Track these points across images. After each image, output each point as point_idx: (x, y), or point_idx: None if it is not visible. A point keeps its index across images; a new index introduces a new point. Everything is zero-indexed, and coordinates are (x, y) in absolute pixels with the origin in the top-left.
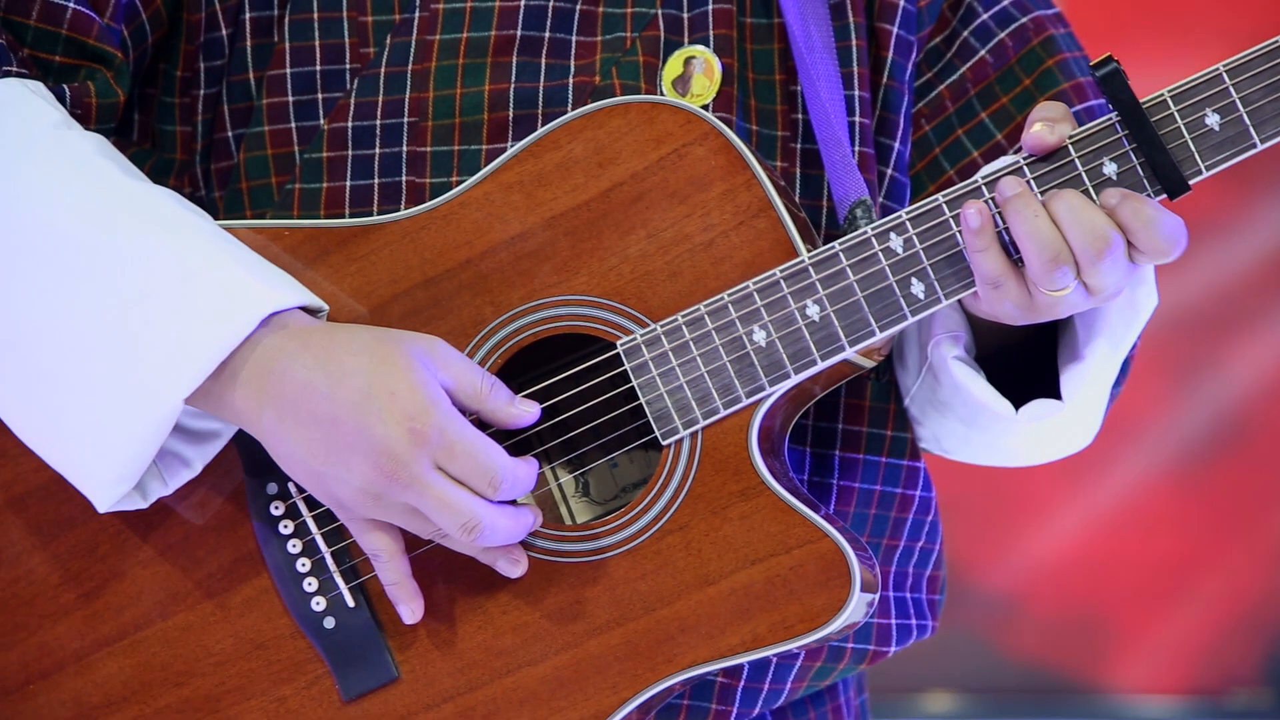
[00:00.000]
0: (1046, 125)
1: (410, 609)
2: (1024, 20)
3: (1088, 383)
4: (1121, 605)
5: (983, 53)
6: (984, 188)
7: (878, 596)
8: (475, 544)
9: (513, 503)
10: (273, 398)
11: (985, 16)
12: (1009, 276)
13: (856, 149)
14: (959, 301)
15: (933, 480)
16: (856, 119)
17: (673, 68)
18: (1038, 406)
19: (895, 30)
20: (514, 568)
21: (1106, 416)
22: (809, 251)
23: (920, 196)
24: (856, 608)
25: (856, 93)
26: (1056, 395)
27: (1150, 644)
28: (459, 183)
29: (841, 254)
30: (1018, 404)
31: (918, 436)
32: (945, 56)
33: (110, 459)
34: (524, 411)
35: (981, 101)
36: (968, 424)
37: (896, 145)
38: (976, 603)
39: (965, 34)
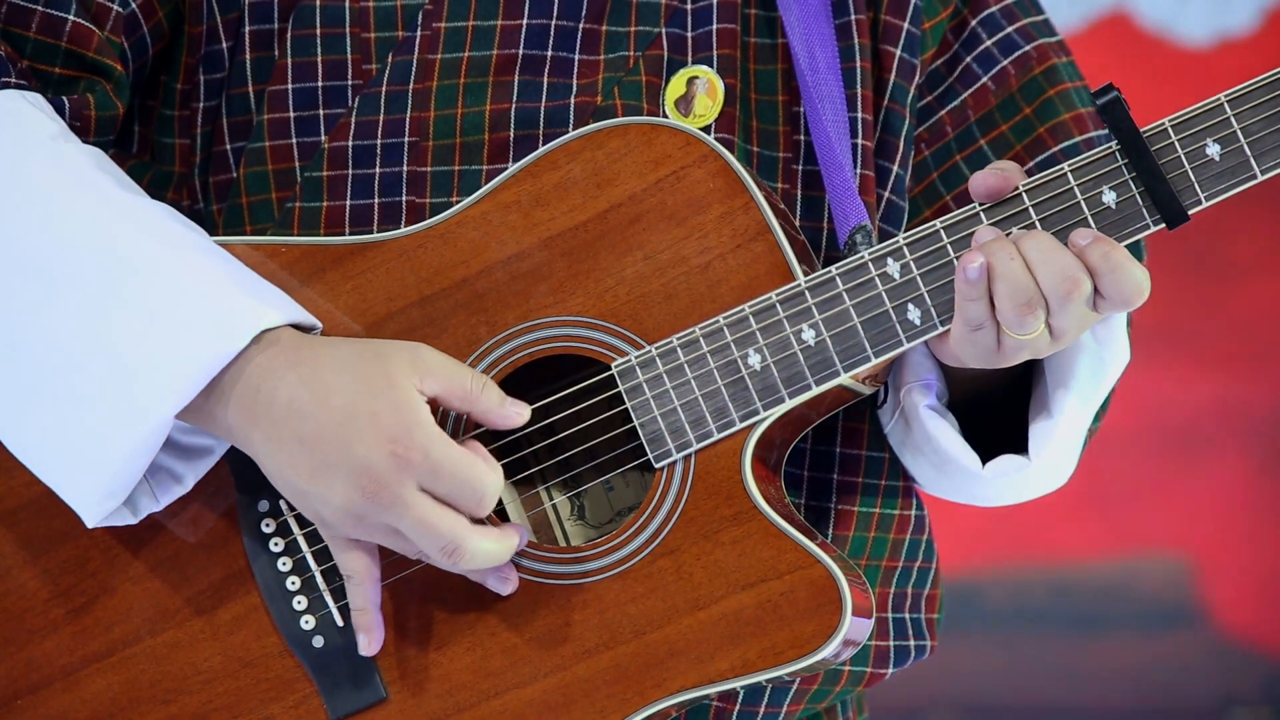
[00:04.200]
0: (995, 171)
1: (369, 639)
2: (1027, 48)
3: (1056, 439)
4: (1119, 624)
5: (985, 79)
6: (983, 214)
7: (874, 621)
8: (457, 568)
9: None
10: (262, 416)
11: (989, 43)
12: (990, 321)
13: (858, 172)
14: (926, 346)
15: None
16: (859, 141)
17: (675, 88)
18: (1005, 463)
19: (898, 53)
20: (503, 585)
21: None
22: (806, 275)
23: (917, 221)
24: (849, 633)
25: (860, 115)
26: (1026, 442)
27: (1148, 663)
28: (459, 203)
29: (838, 278)
30: (988, 451)
31: None
32: (947, 80)
33: (98, 474)
34: (514, 412)
35: (981, 128)
36: (937, 469)
37: (895, 169)
38: (979, 621)
39: (968, 59)
